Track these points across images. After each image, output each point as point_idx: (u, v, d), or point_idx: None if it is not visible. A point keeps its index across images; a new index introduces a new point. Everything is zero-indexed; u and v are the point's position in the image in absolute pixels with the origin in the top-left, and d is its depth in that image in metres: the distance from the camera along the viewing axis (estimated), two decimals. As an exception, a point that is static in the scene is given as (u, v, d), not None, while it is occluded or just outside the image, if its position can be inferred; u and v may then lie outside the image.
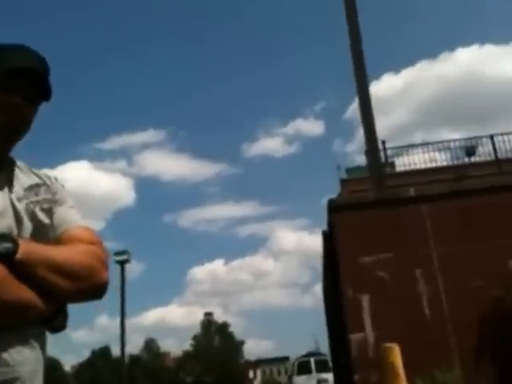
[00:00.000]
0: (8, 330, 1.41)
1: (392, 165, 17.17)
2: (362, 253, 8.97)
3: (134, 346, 57.32)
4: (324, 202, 11.86)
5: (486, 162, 13.74)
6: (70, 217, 1.71)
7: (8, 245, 1.41)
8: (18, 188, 1.65)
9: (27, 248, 1.44)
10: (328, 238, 10.06)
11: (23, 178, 1.71)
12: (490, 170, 12.74)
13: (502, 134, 11.80)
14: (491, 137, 11.44)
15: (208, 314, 59.91)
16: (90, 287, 1.56)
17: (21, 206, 1.60)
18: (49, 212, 1.67)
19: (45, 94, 1.76)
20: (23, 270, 1.41)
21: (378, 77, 59.14)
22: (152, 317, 78.86)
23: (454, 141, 14.02)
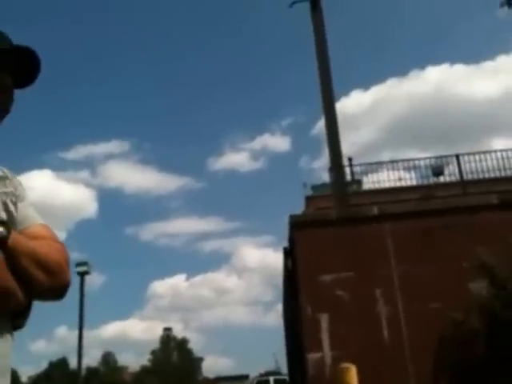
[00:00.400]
0: None
1: (359, 182, 17.15)
2: (322, 271, 8.86)
3: (92, 359, 56.69)
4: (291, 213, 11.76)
5: (452, 183, 13.73)
6: (30, 214, 1.65)
7: (2, 229, 1.38)
8: None
9: (15, 236, 1.41)
10: (289, 254, 9.93)
11: None
12: (455, 190, 12.74)
13: (468, 154, 11.80)
14: (457, 156, 11.41)
15: (167, 329, 59.60)
16: (59, 285, 1.51)
17: None
18: (15, 205, 1.61)
19: (32, 77, 1.70)
20: (9, 257, 1.38)
21: (346, 93, 59.31)
22: (111, 330, 78.16)
23: (423, 159, 13.96)
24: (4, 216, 1.53)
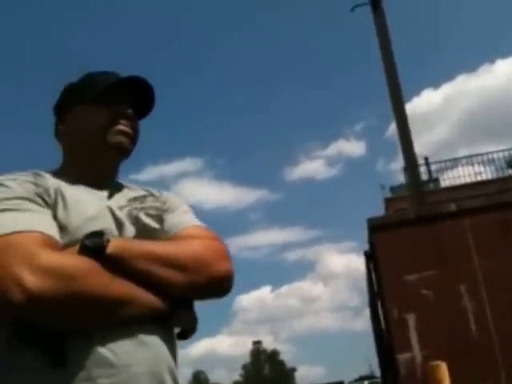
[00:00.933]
0: (113, 327, 1.37)
1: (436, 181, 17.10)
2: (405, 271, 8.84)
3: (183, 379, 57.30)
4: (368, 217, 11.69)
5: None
6: (182, 219, 1.71)
7: (97, 240, 1.40)
8: (121, 198, 1.69)
9: (121, 242, 1.45)
10: (370, 257, 9.96)
11: (129, 192, 1.76)
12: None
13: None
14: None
15: (257, 343, 59.27)
16: (206, 280, 1.50)
17: (122, 213, 1.62)
18: (158, 218, 1.68)
19: (148, 108, 1.83)
20: (120, 265, 1.39)
21: (417, 93, 58.80)
22: (200, 348, 78.23)
23: (496, 152, 13.80)
24: (132, 230, 1.59)
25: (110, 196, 1.69)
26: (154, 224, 1.66)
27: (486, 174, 14.64)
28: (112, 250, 1.40)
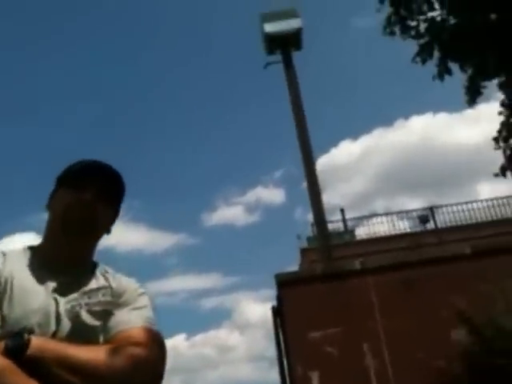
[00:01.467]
0: None
1: (352, 232, 17.49)
2: (311, 328, 8.89)
3: None
4: (288, 270, 12.06)
5: (437, 230, 13.98)
6: (127, 318, 1.74)
7: (17, 341, 1.47)
8: (74, 290, 1.77)
9: (40, 344, 1.49)
10: (277, 313, 9.99)
11: (90, 282, 1.84)
12: (438, 237, 12.98)
13: (441, 206, 12.17)
14: (431, 209, 11.75)
15: (169, 394, 58.64)
16: None
17: (64, 308, 1.69)
18: (101, 314, 1.73)
19: (117, 195, 2.00)
20: (36, 367, 1.45)
21: (336, 143, 61.16)
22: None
23: (412, 211, 14.33)
24: (68, 326, 1.67)
25: (64, 287, 1.76)
26: (93, 322, 1.71)
27: (402, 228, 15.16)
28: (31, 351, 1.46)
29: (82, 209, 1.85)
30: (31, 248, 1.92)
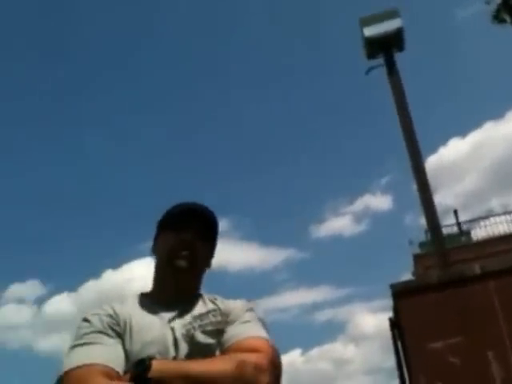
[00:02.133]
0: None
1: (468, 234, 16.85)
2: (430, 339, 8.51)
3: None
4: (401, 278, 11.53)
5: None
6: (238, 331, 1.89)
7: (140, 367, 1.67)
8: (186, 317, 1.98)
9: (159, 366, 1.67)
10: (394, 325, 9.65)
11: (199, 307, 2.05)
12: None
13: None
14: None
15: (290, 411, 58.14)
16: None
17: (180, 333, 1.90)
18: (214, 333, 1.91)
19: (213, 233, 2.23)
20: None
21: (444, 142, 59.86)
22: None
23: None
24: (185, 348, 1.85)
25: (177, 316, 1.99)
26: (208, 340, 1.88)
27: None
28: (153, 373, 1.63)
29: (183, 247, 2.09)
30: (143, 293, 2.17)
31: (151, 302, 2.07)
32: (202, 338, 1.89)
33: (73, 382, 1.65)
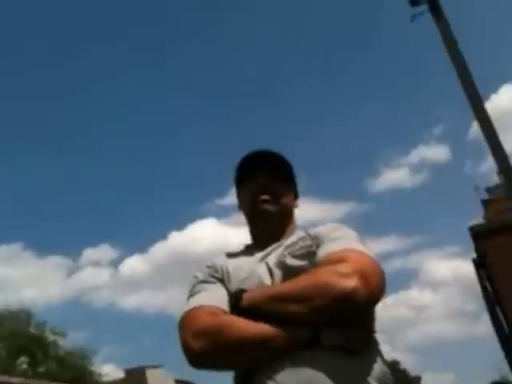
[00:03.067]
0: (270, 359, 1.68)
1: None
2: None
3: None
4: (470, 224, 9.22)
5: None
6: (327, 247, 1.89)
7: (233, 300, 1.84)
8: (279, 249, 2.03)
9: (249, 295, 1.80)
10: (479, 265, 8.91)
11: (291, 239, 2.06)
12: None
13: None
14: None
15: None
16: (328, 303, 1.65)
17: (273, 262, 1.96)
18: (305, 256, 1.93)
19: (287, 171, 2.26)
20: (255, 313, 1.73)
21: (495, 89, 49.54)
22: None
23: None
24: (279, 274, 1.91)
25: (272, 251, 2.05)
26: (299, 262, 1.91)
27: None
28: (244, 303, 1.78)
29: (262, 192, 2.13)
30: (246, 244, 2.27)
31: (247, 248, 2.20)
32: (293, 261, 1.91)
33: (186, 322, 1.84)
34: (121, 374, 37.14)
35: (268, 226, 2.15)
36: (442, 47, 10.53)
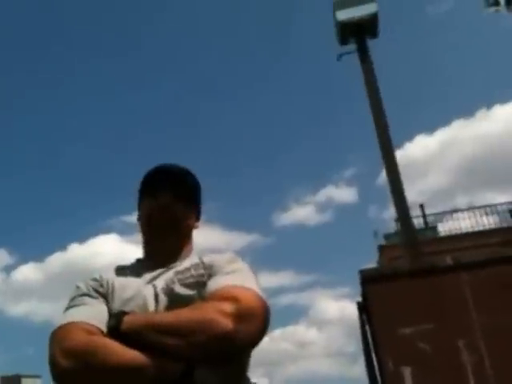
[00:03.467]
0: None
1: (434, 229, 17.29)
2: (401, 324, 8.67)
3: None
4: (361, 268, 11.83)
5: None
6: (218, 281, 1.92)
7: (112, 321, 1.82)
8: (170, 273, 2.07)
9: (131, 320, 1.78)
10: (363, 309, 9.84)
11: (184, 264, 2.12)
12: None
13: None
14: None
15: (253, 385, 59.28)
16: (205, 340, 1.68)
17: (160, 287, 2.00)
18: (195, 285, 1.97)
19: (193, 192, 2.27)
20: (133, 338, 1.71)
21: (410, 138, 58.73)
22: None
23: (500, 204, 13.79)
24: (164, 301, 1.92)
25: (161, 274, 2.08)
26: (187, 292, 1.95)
27: (487, 224, 14.63)
28: (124, 327, 1.76)
29: (161, 213, 2.15)
30: (137, 259, 2.31)
31: (139, 266, 2.20)
32: (181, 290, 1.96)
33: (57, 337, 1.82)
34: (-3, 382, 40.29)
35: (164, 247, 2.16)
36: (364, 89, 8.88)
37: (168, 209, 2.16)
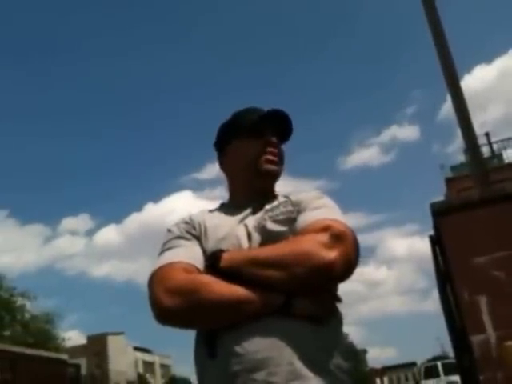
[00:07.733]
0: (239, 323, 1.72)
1: (500, 156, 16.92)
2: (475, 254, 8.70)
3: None
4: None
5: None
6: (309, 215, 1.93)
7: (211, 259, 1.83)
8: (260, 212, 2.05)
9: (229, 256, 1.80)
10: (436, 242, 9.86)
11: (271, 203, 2.09)
12: None
13: None
14: None
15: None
16: (306, 273, 1.70)
17: (252, 225, 1.99)
18: (286, 221, 1.96)
19: (288, 135, 2.24)
20: (232, 274, 1.74)
21: (469, 70, 56.69)
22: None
23: None
24: (258, 238, 1.93)
25: (251, 213, 2.07)
26: (280, 228, 1.94)
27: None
28: (222, 264, 1.78)
29: (271, 152, 2.13)
30: (223, 203, 2.27)
31: (226, 208, 2.19)
32: (273, 226, 1.95)
33: (158, 277, 1.85)
34: (84, 340, 43.90)
35: (266, 187, 2.14)
36: (425, 23, 8.70)
37: (278, 149, 2.17)
